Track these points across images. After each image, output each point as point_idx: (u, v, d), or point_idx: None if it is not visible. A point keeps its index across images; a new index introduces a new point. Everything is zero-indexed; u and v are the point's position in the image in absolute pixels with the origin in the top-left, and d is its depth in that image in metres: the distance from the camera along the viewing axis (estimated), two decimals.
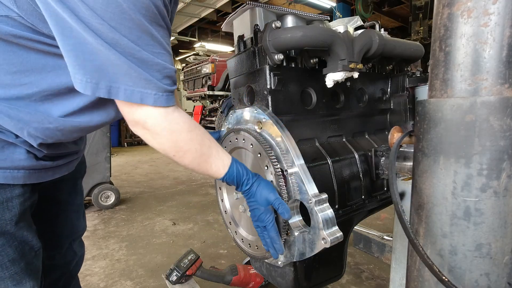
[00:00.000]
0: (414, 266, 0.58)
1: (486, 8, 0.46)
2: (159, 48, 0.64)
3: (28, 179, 0.73)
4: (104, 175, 3.45)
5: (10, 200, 0.71)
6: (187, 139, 0.72)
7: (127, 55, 0.59)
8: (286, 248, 0.87)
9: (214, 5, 7.77)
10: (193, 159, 0.74)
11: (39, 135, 0.70)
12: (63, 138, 0.76)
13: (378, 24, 1.21)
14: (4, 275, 0.71)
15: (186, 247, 2.39)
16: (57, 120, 0.70)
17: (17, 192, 0.72)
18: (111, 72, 0.60)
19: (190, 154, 0.73)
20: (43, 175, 0.78)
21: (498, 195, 0.46)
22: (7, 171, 0.69)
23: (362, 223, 2.36)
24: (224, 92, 6.85)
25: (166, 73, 0.66)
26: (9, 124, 0.66)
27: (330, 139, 1.06)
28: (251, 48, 0.94)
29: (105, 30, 0.56)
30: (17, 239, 0.73)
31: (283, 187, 0.82)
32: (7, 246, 0.71)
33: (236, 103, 1.08)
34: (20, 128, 0.67)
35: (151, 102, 0.64)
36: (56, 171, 0.83)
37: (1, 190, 0.69)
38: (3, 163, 0.68)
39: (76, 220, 1.08)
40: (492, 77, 0.46)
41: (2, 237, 0.70)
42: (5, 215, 0.70)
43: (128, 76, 0.61)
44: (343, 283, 1.95)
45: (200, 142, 0.75)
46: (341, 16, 7.60)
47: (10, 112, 0.66)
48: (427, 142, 0.53)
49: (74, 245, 1.09)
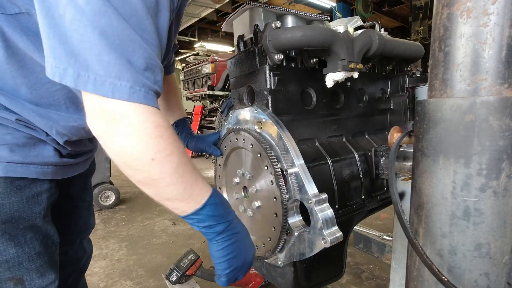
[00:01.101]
0: (414, 266, 0.58)
1: (486, 8, 0.46)
2: (152, 35, 0.58)
3: (55, 175, 0.78)
4: (104, 175, 3.45)
5: (40, 194, 0.75)
6: (168, 143, 0.61)
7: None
8: (286, 248, 0.88)
9: (214, 5, 7.77)
10: (177, 165, 0.62)
11: (65, 132, 0.75)
12: (86, 135, 0.80)
13: (378, 24, 1.21)
14: (30, 267, 0.74)
15: (186, 247, 2.39)
16: (80, 119, 0.74)
17: (46, 187, 0.76)
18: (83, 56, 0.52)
19: (176, 157, 0.62)
20: (66, 171, 0.83)
21: (497, 195, 0.46)
22: (38, 166, 0.73)
23: (362, 223, 2.36)
24: (224, 92, 6.85)
25: (150, 64, 0.57)
26: (40, 122, 0.71)
27: (330, 139, 1.06)
28: (251, 48, 0.94)
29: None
30: (43, 233, 0.77)
31: (283, 187, 0.82)
32: (35, 239, 0.75)
33: (236, 103, 1.08)
34: (50, 126, 0.72)
35: (125, 96, 0.54)
36: (76, 169, 0.88)
37: (33, 184, 0.73)
38: (35, 159, 0.72)
39: (87, 217, 1.12)
40: (491, 77, 0.46)
41: (31, 230, 0.74)
42: (36, 208, 0.74)
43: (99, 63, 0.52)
44: (343, 283, 1.95)
45: (183, 156, 0.65)
46: (341, 16, 7.60)
47: (41, 111, 0.71)
48: (427, 142, 0.53)
49: (84, 242, 1.13)
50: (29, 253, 0.73)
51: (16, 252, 0.71)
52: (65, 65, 0.52)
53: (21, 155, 0.69)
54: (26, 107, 0.69)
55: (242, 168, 0.99)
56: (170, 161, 0.62)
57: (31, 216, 0.73)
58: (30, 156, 0.71)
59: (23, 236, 0.72)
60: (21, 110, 0.68)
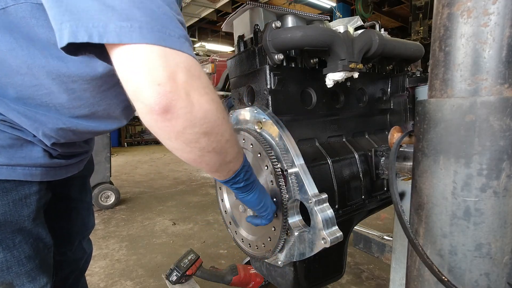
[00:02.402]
0: (414, 266, 0.58)
1: (486, 8, 0.46)
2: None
3: (45, 177, 0.75)
4: (104, 175, 3.45)
5: (28, 197, 0.72)
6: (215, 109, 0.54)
7: None
8: (286, 248, 0.87)
9: (214, 5, 7.77)
10: (227, 132, 0.58)
11: (53, 135, 0.71)
12: (75, 138, 0.77)
13: (378, 24, 1.21)
14: (20, 271, 0.72)
15: (186, 247, 2.39)
16: (70, 121, 0.72)
17: (35, 189, 0.73)
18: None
19: (226, 124, 0.58)
20: (58, 173, 0.80)
21: (498, 195, 0.46)
22: (26, 168, 0.70)
23: (362, 223, 2.36)
24: (224, 92, 6.85)
25: (180, 33, 0.51)
26: (26, 123, 0.67)
27: (330, 139, 1.06)
28: (251, 48, 0.94)
29: None
30: (33, 236, 0.75)
31: (283, 187, 0.82)
32: (24, 242, 0.72)
33: (236, 103, 1.08)
34: (36, 128, 0.68)
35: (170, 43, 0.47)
36: (69, 170, 0.85)
37: (20, 187, 0.70)
38: (22, 160, 0.69)
39: (86, 217, 1.11)
40: (492, 77, 0.46)
41: (20, 233, 0.72)
42: (24, 211, 0.71)
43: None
44: (343, 283, 1.95)
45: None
46: (341, 16, 7.60)
47: (27, 112, 0.67)
48: (427, 142, 0.53)
49: (84, 242, 1.12)
50: (18, 257, 0.71)
51: (4, 256, 0.69)
52: (100, 21, 0.44)
53: (6, 156, 0.66)
54: (10, 107, 0.65)
55: None
56: (228, 119, 0.59)
57: (19, 219, 0.70)
58: (17, 157, 0.68)
59: (11, 239, 0.70)
60: (5, 110, 0.65)
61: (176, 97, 0.48)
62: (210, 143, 0.56)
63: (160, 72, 0.46)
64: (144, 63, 0.46)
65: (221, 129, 0.56)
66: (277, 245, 0.87)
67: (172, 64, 0.48)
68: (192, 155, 0.57)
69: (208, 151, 0.57)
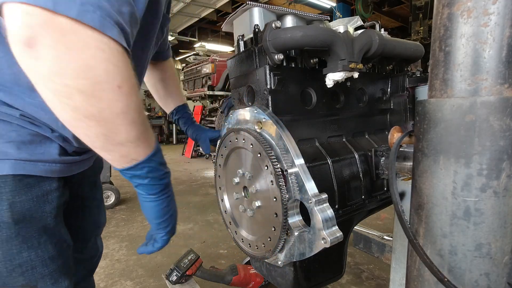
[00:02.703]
0: (414, 266, 0.58)
1: (486, 8, 0.46)
2: None
3: (63, 173, 0.75)
4: (104, 175, 3.45)
5: (50, 193, 0.72)
6: (133, 75, 0.52)
7: None
8: (286, 248, 0.87)
9: (214, 5, 7.77)
10: (140, 101, 0.54)
11: None
12: None
13: (378, 24, 1.21)
14: (44, 272, 0.71)
15: (186, 247, 2.39)
16: None
17: (55, 186, 0.73)
18: None
19: (138, 93, 0.53)
20: (73, 168, 0.80)
21: (498, 195, 0.46)
22: (46, 164, 0.70)
23: (362, 223, 2.36)
24: (224, 92, 6.85)
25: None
26: (44, 117, 0.67)
27: (330, 139, 1.06)
28: (251, 48, 0.94)
29: None
30: (56, 236, 0.74)
31: (283, 187, 0.82)
32: (48, 242, 0.72)
33: (236, 103, 1.08)
34: (54, 119, 0.65)
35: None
36: (81, 165, 0.85)
37: (42, 183, 0.70)
38: (42, 156, 0.69)
39: (98, 214, 1.10)
40: (492, 77, 0.46)
41: (44, 233, 0.71)
42: (46, 207, 0.71)
43: None
44: (343, 283, 1.95)
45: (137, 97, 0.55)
46: (341, 16, 7.61)
47: (42, 104, 0.65)
48: (427, 142, 0.53)
49: (98, 240, 1.12)
50: (43, 256, 0.70)
51: (29, 255, 0.68)
52: None
53: (27, 152, 0.67)
54: (26, 102, 0.66)
55: (242, 168, 0.99)
56: (136, 95, 0.52)
57: (42, 215, 0.70)
58: (37, 153, 0.68)
59: (36, 238, 0.69)
60: (22, 105, 0.65)
61: (43, 32, 0.41)
62: (86, 105, 0.48)
63: (40, 1, 0.40)
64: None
65: (109, 96, 0.49)
66: (277, 245, 0.87)
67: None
68: (66, 115, 0.51)
69: (85, 116, 0.50)
